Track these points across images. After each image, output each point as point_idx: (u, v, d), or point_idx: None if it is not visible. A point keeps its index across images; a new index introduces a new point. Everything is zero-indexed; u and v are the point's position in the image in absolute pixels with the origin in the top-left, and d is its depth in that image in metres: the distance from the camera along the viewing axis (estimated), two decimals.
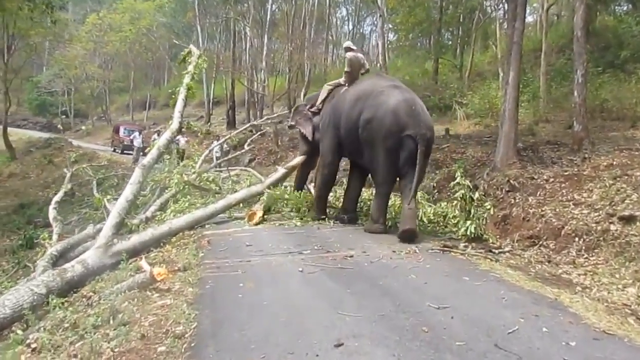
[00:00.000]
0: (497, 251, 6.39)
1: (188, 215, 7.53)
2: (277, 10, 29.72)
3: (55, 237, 8.08)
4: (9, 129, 24.06)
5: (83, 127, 39.70)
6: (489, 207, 6.99)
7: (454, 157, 12.79)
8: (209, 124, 29.10)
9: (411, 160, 6.71)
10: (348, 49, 8.58)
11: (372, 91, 7.25)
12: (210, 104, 31.09)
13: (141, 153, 21.11)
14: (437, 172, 12.51)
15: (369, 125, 6.97)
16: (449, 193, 10.88)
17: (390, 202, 7.83)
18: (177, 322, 3.51)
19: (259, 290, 4.26)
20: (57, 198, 10.82)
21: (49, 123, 42.69)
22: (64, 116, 40.05)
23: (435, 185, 12.00)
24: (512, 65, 10.39)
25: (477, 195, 7.05)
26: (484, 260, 5.68)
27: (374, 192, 7.88)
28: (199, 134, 23.00)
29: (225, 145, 18.86)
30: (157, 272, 4.21)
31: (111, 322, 3.69)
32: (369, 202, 8.67)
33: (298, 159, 9.10)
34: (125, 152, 24.20)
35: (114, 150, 26.53)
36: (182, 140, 21.27)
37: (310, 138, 8.57)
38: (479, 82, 19.48)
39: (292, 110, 9.40)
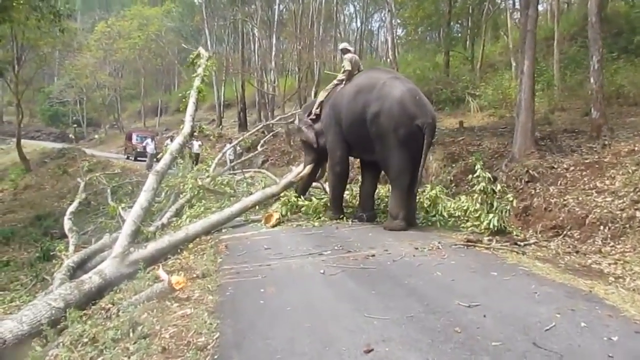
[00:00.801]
0: (522, 244, 6.19)
1: (204, 220, 7.44)
2: (284, 10, 29.60)
3: (71, 248, 8.00)
4: (23, 140, 24.22)
5: (96, 136, 40.02)
6: (511, 199, 6.79)
7: (470, 149, 12.61)
8: (220, 127, 29.08)
9: (419, 151, 6.78)
10: (346, 50, 8.55)
11: (374, 84, 7.20)
12: (221, 106, 31.09)
13: (154, 159, 21.15)
14: (454, 165, 12.34)
15: (378, 118, 6.94)
16: (466, 186, 10.73)
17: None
18: (198, 332, 3.38)
19: (281, 295, 4.13)
20: (71, 209, 10.79)
21: (62, 133, 43.07)
22: (76, 126, 40.35)
23: (452, 178, 11.83)
24: (527, 54, 10.23)
25: (498, 187, 6.86)
26: (510, 254, 5.49)
27: (390, 188, 7.73)
28: (211, 137, 22.95)
29: (238, 148, 18.81)
30: (175, 280, 4.09)
31: (131, 335, 3.57)
32: (386, 199, 8.55)
33: (307, 169, 8.90)
34: (138, 158, 24.26)
35: (127, 158, 26.64)
36: (195, 144, 21.29)
37: (315, 145, 8.50)
38: (491, 73, 19.29)
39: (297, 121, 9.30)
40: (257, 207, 8.58)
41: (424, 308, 3.64)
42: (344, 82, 8.13)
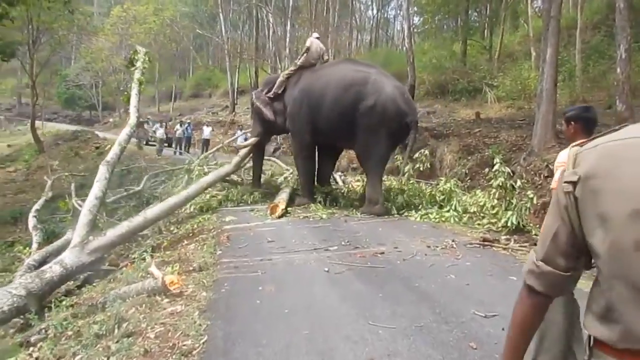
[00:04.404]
0: None
1: (162, 203, 7.43)
2: None
3: (34, 246, 7.76)
4: (39, 122, 24.22)
5: (111, 120, 40.00)
6: (531, 196, 6.38)
7: (487, 142, 12.23)
8: (233, 113, 28.79)
9: (396, 145, 7.97)
10: (314, 37, 8.89)
11: (365, 77, 7.52)
12: (235, 93, 30.76)
13: (164, 144, 20.99)
14: (469, 158, 11.93)
15: (372, 112, 7.27)
16: (482, 180, 10.34)
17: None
18: (185, 334, 3.07)
19: (280, 294, 3.80)
20: (37, 206, 10.52)
21: (77, 116, 43.23)
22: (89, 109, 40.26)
23: (467, 171, 11.44)
24: (550, 42, 9.81)
25: (518, 183, 6.47)
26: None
27: (367, 175, 7.98)
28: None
29: (248, 136, 18.51)
30: (169, 280, 3.78)
31: (115, 332, 3.30)
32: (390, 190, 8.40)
33: (253, 140, 9.19)
34: (149, 143, 24.10)
35: (139, 142, 26.49)
36: (206, 130, 21.07)
37: (272, 121, 8.62)
38: (510, 63, 18.80)
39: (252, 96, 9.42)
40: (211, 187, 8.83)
41: (436, 317, 3.29)
42: (301, 60, 8.51)
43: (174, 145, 22.01)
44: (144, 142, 25.14)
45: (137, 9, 35.50)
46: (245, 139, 18.09)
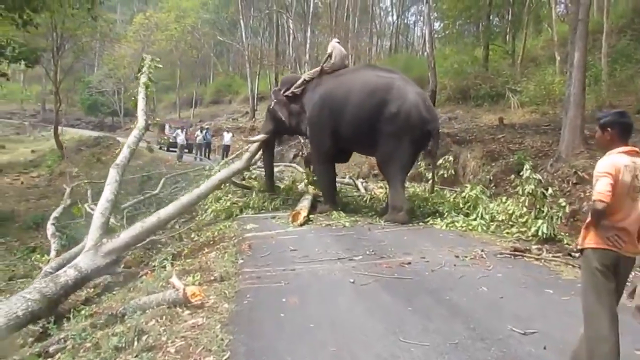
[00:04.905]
0: (577, 254, 5.52)
1: (175, 202, 7.35)
2: (319, 2, 29.13)
3: (53, 253, 7.72)
4: (63, 128, 24.54)
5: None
6: (563, 204, 6.13)
7: (511, 147, 11.99)
8: (253, 119, 28.84)
9: (419, 152, 7.83)
10: (335, 41, 8.74)
11: (389, 84, 7.48)
12: (255, 99, 30.84)
13: (185, 150, 21.07)
14: (493, 164, 11.67)
15: (396, 118, 7.22)
16: (507, 187, 10.08)
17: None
18: (207, 349, 2.93)
19: (304, 307, 3.65)
20: (55, 213, 10.50)
21: (100, 122, 43.80)
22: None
23: (491, 178, 11.18)
24: (577, 45, 9.58)
25: (550, 191, 6.21)
26: (564, 267, 4.88)
27: (389, 182, 7.76)
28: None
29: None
30: (190, 292, 3.65)
31: (135, 345, 3.19)
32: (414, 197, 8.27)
33: (261, 136, 9.03)
34: (170, 149, 24.27)
35: (160, 148, 26.70)
36: (226, 136, 21.12)
37: (287, 122, 8.49)
38: (533, 68, 18.51)
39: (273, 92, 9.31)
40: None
41: (470, 333, 3.10)
42: (325, 65, 8.35)
43: (194, 151, 22.13)
44: (166, 148, 25.40)
45: (159, 16, 36.00)
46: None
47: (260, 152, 9.22)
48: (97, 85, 40.73)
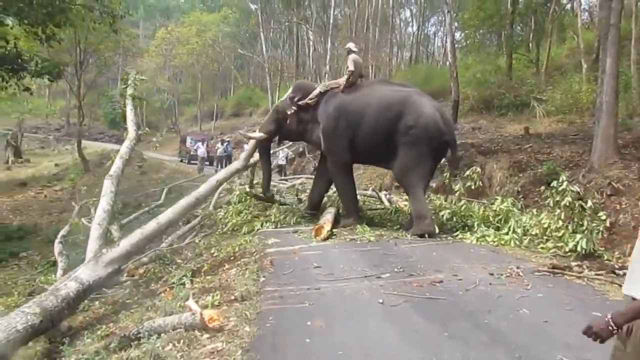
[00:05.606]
0: (621, 272, 5.16)
1: (174, 206, 7.14)
2: (339, 14, 29.14)
3: (59, 272, 7.57)
4: (86, 142, 24.84)
5: (154, 139, 40.91)
6: (603, 217, 5.78)
7: (539, 158, 11.61)
8: None
9: (437, 163, 7.86)
10: (350, 51, 8.47)
11: (406, 97, 7.58)
12: None
13: (206, 162, 21.11)
14: (521, 175, 11.29)
15: (413, 130, 7.27)
16: (536, 199, 9.71)
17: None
18: None
19: (331, 331, 3.38)
20: (63, 232, 10.31)
21: (122, 135, 44.35)
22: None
23: (519, 189, 10.80)
24: (609, 51, 9.27)
25: (589, 203, 5.86)
26: (609, 286, 4.51)
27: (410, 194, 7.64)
28: None
29: (290, 153, 18.38)
30: (208, 316, 3.42)
31: None
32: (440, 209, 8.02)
33: (259, 134, 8.75)
34: (191, 161, 24.41)
35: (181, 160, 26.83)
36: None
37: (293, 127, 8.40)
38: (558, 77, 18.16)
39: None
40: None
41: None
42: (347, 82, 8.12)
43: (215, 164, 22.18)
44: (187, 161, 25.56)
45: (180, 31, 36.53)
46: (287, 156, 18.06)
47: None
48: (120, 99, 41.34)
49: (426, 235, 6.90)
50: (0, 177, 24.99)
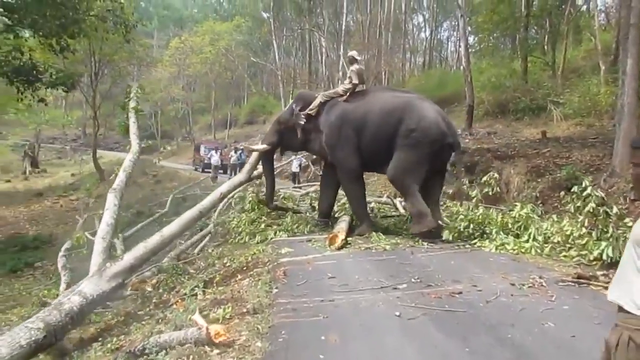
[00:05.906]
0: None
1: (177, 219, 7.18)
2: (352, 20, 29.12)
3: (62, 286, 7.51)
4: (101, 151, 25.05)
5: (168, 147, 41.18)
6: (630, 224, 5.53)
7: (558, 162, 11.35)
8: None
9: (436, 165, 7.56)
10: (353, 60, 8.30)
11: (408, 102, 7.59)
12: None
13: (220, 170, 21.12)
14: (539, 180, 11.05)
15: (414, 133, 7.26)
16: (556, 204, 9.45)
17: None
18: None
19: (346, 346, 3.24)
20: (66, 245, 10.32)
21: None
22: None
23: (537, 195, 10.56)
24: (630, 52, 9.07)
25: (615, 210, 5.64)
26: None
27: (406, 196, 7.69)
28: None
29: (303, 160, 18.28)
30: (214, 330, 3.30)
31: None
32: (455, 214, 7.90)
33: (262, 146, 8.75)
34: (205, 170, 24.47)
35: (196, 169, 26.91)
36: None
37: (298, 136, 8.38)
38: (575, 79, 17.82)
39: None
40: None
41: None
42: (348, 93, 8.11)
43: (228, 172, 22.17)
44: (201, 169, 25.63)
45: (193, 40, 36.78)
46: (300, 164, 17.94)
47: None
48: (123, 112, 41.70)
49: (431, 231, 7.02)
50: (17, 188, 25.35)
